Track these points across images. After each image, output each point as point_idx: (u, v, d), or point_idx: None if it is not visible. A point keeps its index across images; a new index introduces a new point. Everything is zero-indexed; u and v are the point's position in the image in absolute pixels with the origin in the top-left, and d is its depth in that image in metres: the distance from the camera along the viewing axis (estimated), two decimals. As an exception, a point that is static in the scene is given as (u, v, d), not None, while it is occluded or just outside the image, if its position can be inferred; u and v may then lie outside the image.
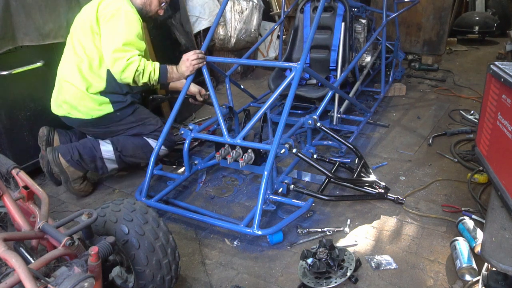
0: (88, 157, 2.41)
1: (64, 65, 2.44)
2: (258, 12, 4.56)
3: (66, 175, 2.38)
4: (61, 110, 2.45)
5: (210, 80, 2.48)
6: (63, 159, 2.35)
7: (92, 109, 2.40)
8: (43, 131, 2.51)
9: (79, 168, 2.39)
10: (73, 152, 2.37)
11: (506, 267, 1.38)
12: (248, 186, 2.55)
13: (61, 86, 2.42)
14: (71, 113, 2.42)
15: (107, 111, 2.43)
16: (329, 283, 1.69)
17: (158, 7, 2.56)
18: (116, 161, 2.49)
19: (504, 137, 1.66)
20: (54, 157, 2.35)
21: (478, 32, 6.50)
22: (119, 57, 2.28)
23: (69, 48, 2.42)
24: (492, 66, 1.83)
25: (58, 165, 2.35)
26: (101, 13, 2.32)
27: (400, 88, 4.08)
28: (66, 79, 2.39)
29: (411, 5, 4.06)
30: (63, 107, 2.43)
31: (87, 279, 1.13)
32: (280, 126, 2.14)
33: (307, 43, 2.41)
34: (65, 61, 2.44)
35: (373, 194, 2.29)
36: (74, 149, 2.38)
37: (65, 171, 2.37)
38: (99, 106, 2.41)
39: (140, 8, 2.49)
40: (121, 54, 2.28)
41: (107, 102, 2.42)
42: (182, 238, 2.11)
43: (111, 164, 2.49)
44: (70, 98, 2.39)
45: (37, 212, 1.41)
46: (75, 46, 2.38)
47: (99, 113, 2.42)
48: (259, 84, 4.66)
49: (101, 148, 2.44)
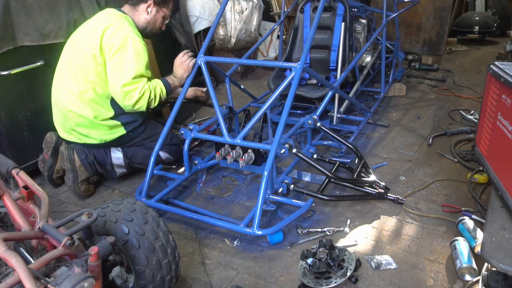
0: (100, 161, 2.45)
1: (64, 93, 2.33)
2: (258, 12, 4.56)
3: (75, 174, 2.39)
4: (71, 137, 2.42)
5: (210, 80, 2.48)
6: (77, 157, 2.38)
7: (104, 135, 2.40)
8: (51, 137, 2.46)
9: (89, 169, 2.42)
10: (88, 152, 2.41)
11: (506, 267, 1.38)
12: (248, 186, 2.55)
13: (65, 115, 2.35)
14: (83, 140, 2.40)
15: (119, 133, 2.43)
16: (329, 283, 1.69)
17: (162, 24, 2.57)
18: (125, 167, 2.54)
19: (504, 137, 1.65)
20: (69, 153, 2.37)
21: (478, 32, 6.50)
22: (130, 90, 2.26)
23: (68, 74, 2.32)
24: (492, 66, 1.83)
25: (71, 162, 2.37)
26: (107, 44, 2.24)
27: (400, 88, 4.08)
28: (71, 109, 2.31)
29: (411, 5, 4.06)
30: (73, 134, 2.40)
31: (87, 279, 1.13)
32: (280, 126, 2.14)
33: (307, 43, 2.41)
34: (65, 89, 2.33)
35: (373, 194, 2.29)
36: (89, 151, 2.42)
37: (76, 170, 2.39)
38: (111, 130, 2.40)
39: (144, 27, 2.48)
40: (132, 87, 2.26)
41: (118, 125, 2.41)
42: (182, 238, 2.11)
43: (120, 169, 2.54)
44: (79, 128, 2.36)
45: (37, 212, 1.41)
46: (75, 73, 2.29)
47: (112, 137, 2.42)
48: (259, 84, 4.66)
49: (111, 155, 2.49)
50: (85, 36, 2.31)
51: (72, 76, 2.31)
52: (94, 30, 2.28)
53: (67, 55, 2.37)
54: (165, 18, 2.57)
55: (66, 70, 2.34)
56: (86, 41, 2.28)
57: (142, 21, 2.47)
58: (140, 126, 2.50)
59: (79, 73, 2.29)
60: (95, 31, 2.27)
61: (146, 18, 2.47)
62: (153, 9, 2.48)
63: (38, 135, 2.58)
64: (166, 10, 2.54)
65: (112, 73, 2.27)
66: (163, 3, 2.50)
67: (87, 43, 2.27)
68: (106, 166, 2.49)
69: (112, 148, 2.49)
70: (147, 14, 2.46)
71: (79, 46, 2.31)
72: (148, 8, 2.46)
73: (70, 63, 2.32)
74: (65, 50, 2.41)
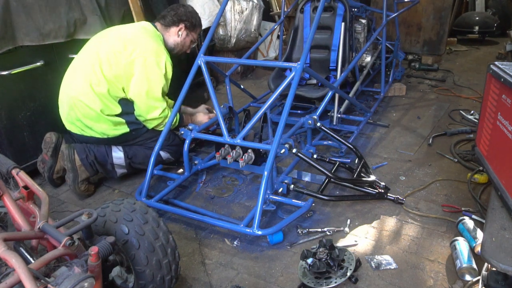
0: (101, 161, 2.45)
1: (78, 81, 2.37)
2: (258, 12, 4.56)
3: (76, 173, 2.39)
4: (74, 128, 2.44)
5: (210, 80, 2.48)
6: (78, 157, 2.38)
7: (107, 130, 2.41)
8: (51, 138, 2.46)
9: (89, 169, 2.42)
10: (88, 152, 2.40)
11: (506, 267, 1.38)
12: (248, 186, 2.55)
13: (74, 103, 2.37)
14: (86, 132, 2.42)
15: (123, 131, 2.45)
16: (329, 283, 1.69)
17: (189, 48, 2.69)
18: (126, 167, 2.54)
19: (504, 137, 1.66)
20: (70, 153, 2.37)
21: (478, 32, 6.50)
22: (154, 106, 2.41)
23: (89, 65, 2.36)
24: (492, 66, 1.83)
25: (72, 162, 2.37)
26: (140, 54, 2.35)
27: (400, 88, 4.08)
28: (80, 98, 2.34)
29: (411, 5, 4.06)
30: (76, 125, 2.43)
31: (87, 279, 1.13)
32: (280, 126, 2.14)
33: (307, 43, 2.41)
34: (81, 78, 2.37)
35: (373, 194, 2.29)
36: (90, 150, 2.41)
37: (76, 169, 2.38)
38: (115, 126, 2.42)
39: (172, 49, 2.62)
40: (157, 104, 2.42)
41: (122, 123, 2.43)
42: (182, 238, 2.11)
43: (120, 169, 2.54)
44: (84, 118, 2.38)
45: (37, 212, 1.41)
46: (95, 65, 2.34)
47: (115, 133, 2.44)
48: (259, 84, 4.66)
49: (112, 155, 2.48)
50: (118, 38, 2.41)
51: (91, 68, 2.35)
52: (127, 35, 2.43)
53: (93, 47, 2.43)
54: (193, 42, 2.69)
55: (88, 60, 2.39)
56: (120, 43, 2.38)
57: (172, 42, 2.61)
58: (144, 126, 2.52)
59: (99, 67, 2.34)
60: (128, 35, 2.42)
61: (176, 40, 2.61)
62: (183, 32, 2.61)
63: (38, 135, 2.58)
64: (194, 35, 2.69)
65: (140, 83, 2.36)
66: (193, 28, 2.65)
67: (120, 45, 2.37)
68: (106, 166, 2.49)
69: (113, 147, 2.49)
70: (177, 36, 2.61)
71: (111, 43, 2.39)
72: (180, 31, 2.59)
73: (97, 55, 2.37)
74: (91, 43, 2.48)
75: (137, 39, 2.41)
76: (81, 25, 2.67)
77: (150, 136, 2.55)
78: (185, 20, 2.60)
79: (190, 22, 2.62)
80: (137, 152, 2.54)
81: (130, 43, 2.38)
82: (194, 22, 2.64)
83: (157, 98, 2.41)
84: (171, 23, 2.58)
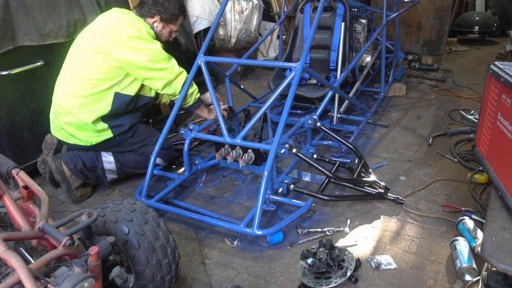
0: (90, 167, 2.40)
1: (60, 87, 2.34)
2: (258, 12, 4.56)
3: (68, 184, 2.36)
4: (59, 135, 2.41)
5: (210, 80, 2.48)
6: (66, 167, 2.33)
7: (91, 137, 2.36)
8: (52, 139, 2.45)
9: (80, 176, 2.38)
10: (76, 160, 2.36)
11: (506, 267, 1.38)
12: (248, 186, 2.55)
13: (57, 111, 2.34)
14: (70, 139, 2.38)
15: (106, 136, 2.39)
16: (329, 283, 1.69)
17: (168, 37, 2.59)
18: (116, 172, 2.50)
19: (504, 137, 1.66)
20: (57, 165, 2.32)
21: (478, 32, 6.50)
22: (171, 67, 2.35)
23: (72, 68, 2.31)
24: (492, 66, 1.83)
25: (61, 174, 2.33)
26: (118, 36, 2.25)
27: (400, 88, 4.08)
28: (63, 105, 2.30)
29: (411, 5, 4.06)
30: (61, 132, 2.39)
31: (87, 279, 1.13)
32: (280, 126, 2.14)
33: (307, 43, 2.41)
34: (62, 83, 2.34)
35: (373, 194, 2.29)
36: (77, 157, 2.36)
37: (67, 180, 2.35)
38: (98, 133, 2.36)
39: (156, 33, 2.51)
40: (169, 63, 2.35)
41: (106, 128, 2.36)
42: (182, 238, 2.11)
43: (111, 174, 2.50)
44: (66, 126, 2.34)
45: (37, 212, 1.41)
46: (77, 68, 2.28)
47: (99, 139, 2.38)
48: (259, 84, 4.66)
49: (103, 160, 2.44)
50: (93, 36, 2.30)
51: (74, 71, 2.30)
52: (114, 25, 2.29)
53: (76, 49, 2.36)
54: (172, 32, 2.57)
55: (72, 64, 2.34)
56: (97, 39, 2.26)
57: (155, 29, 2.48)
58: (128, 131, 2.44)
59: (82, 69, 2.27)
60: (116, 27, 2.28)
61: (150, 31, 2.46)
62: (159, 24, 2.48)
63: (38, 135, 2.58)
64: (173, 26, 2.54)
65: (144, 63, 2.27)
66: (170, 20, 2.49)
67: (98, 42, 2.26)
68: (96, 171, 2.43)
69: (103, 152, 2.45)
70: (152, 28, 2.46)
71: (90, 42, 2.29)
72: (155, 23, 2.46)
73: (77, 58, 2.32)
74: (74, 47, 2.40)
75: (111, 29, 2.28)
76: (81, 25, 2.66)
77: (137, 141, 2.50)
78: (162, 11, 2.43)
79: (167, 13, 2.44)
80: (128, 157, 2.50)
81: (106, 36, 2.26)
82: (171, 13, 2.46)
83: (163, 57, 2.31)
84: (146, 14, 2.43)
